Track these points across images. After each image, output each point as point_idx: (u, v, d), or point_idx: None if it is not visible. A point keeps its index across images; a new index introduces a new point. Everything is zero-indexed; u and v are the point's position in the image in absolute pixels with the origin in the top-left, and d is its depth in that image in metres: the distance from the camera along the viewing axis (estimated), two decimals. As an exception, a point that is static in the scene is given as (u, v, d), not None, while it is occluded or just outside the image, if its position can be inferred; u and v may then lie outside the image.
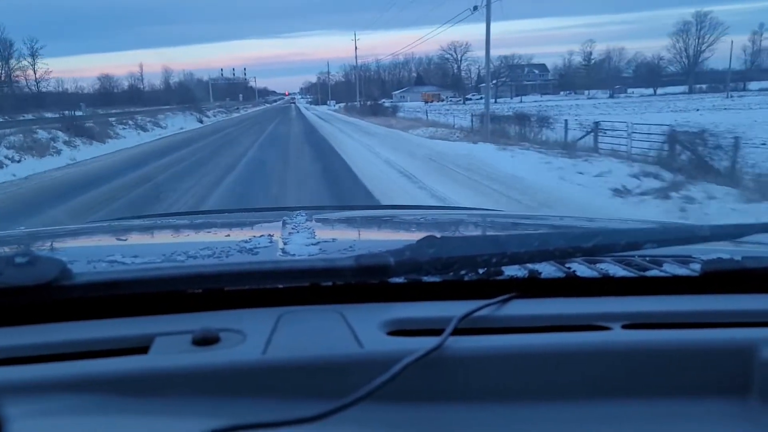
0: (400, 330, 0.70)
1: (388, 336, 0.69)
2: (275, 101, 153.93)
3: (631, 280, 0.86)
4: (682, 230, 0.96)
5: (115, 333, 0.69)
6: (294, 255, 1.00)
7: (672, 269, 0.89)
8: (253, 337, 0.68)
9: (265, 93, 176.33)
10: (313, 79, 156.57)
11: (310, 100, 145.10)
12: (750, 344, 0.66)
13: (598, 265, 0.90)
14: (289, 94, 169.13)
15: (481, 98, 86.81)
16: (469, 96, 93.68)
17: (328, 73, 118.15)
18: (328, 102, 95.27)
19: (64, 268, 0.68)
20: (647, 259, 0.94)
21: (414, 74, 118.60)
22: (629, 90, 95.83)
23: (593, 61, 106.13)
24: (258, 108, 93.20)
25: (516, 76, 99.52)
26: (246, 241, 1.08)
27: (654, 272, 0.88)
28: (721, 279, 0.84)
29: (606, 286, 0.84)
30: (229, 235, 1.49)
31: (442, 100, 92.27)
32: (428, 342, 0.64)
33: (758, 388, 0.64)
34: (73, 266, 0.70)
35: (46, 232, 1.71)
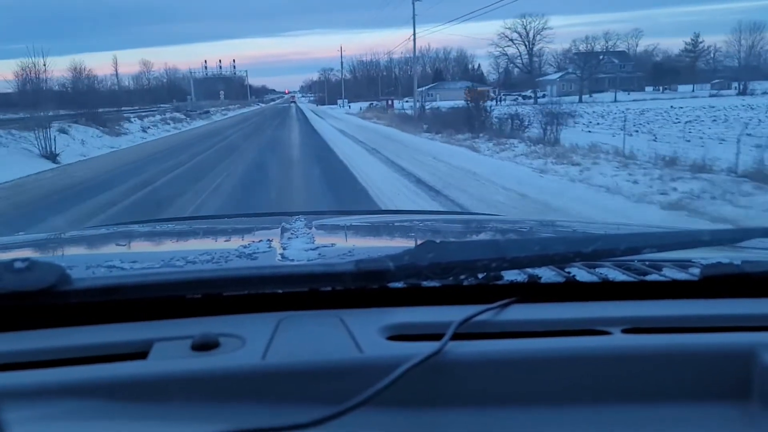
0: (399, 335, 0.70)
1: (387, 341, 0.69)
2: (273, 100, 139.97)
3: (630, 285, 0.86)
4: (681, 235, 0.96)
5: (114, 338, 0.69)
6: (293, 260, 1.00)
7: (672, 274, 0.89)
8: (253, 342, 0.67)
9: (263, 91, 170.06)
10: (314, 77, 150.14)
11: (312, 98, 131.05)
12: (750, 349, 0.66)
13: (597, 269, 0.90)
14: (289, 92, 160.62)
15: (543, 96, 64.09)
16: (526, 93, 69.59)
17: (342, 65, 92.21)
18: (340, 102, 72.76)
19: (62, 274, 0.68)
20: (647, 263, 0.94)
21: (428, 70, 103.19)
22: (732, 85, 69.78)
23: (702, 51, 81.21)
24: (245, 110, 69.66)
25: (590, 67, 73.23)
26: (245, 246, 1.08)
27: (654, 277, 0.88)
28: (720, 283, 0.84)
29: (606, 291, 0.84)
30: (228, 241, 1.50)
31: (493, 99, 72.65)
32: (428, 347, 0.64)
33: (758, 393, 0.64)
34: (72, 271, 0.70)
35: (45, 237, 1.71)
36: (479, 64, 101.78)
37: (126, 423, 0.57)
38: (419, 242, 0.79)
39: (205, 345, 0.67)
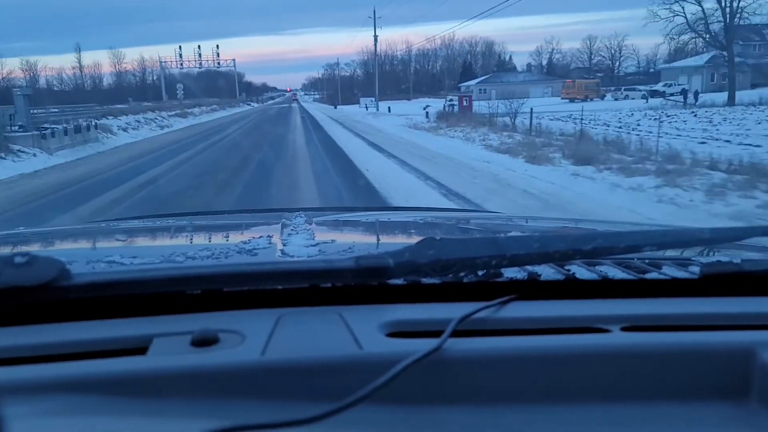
0: (399, 332, 0.71)
1: (387, 337, 0.69)
2: (272, 98, 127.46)
3: (630, 283, 0.86)
4: (681, 233, 0.96)
5: (114, 334, 0.70)
6: (293, 256, 1.00)
7: (671, 272, 0.89)
8: (252, 338, 0.68)
9: (264, 89, 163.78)
10: (317, 74, 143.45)
11: (317, 97, 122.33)
12: (749, 347, 0.66)
13: (597, 267, 0.90)
14: (291, 90, 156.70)
15: (678, 90, 40.40)
16: (657, 88, 47.17)
17: (376, 49, 57.25)
18: (365, 101, 50.70)
19: (63, 269, 0.68)
20: (646, 261, 0.94)
21: (442, 65, 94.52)
22: None
23: None
24: (209, 119, 41.30)
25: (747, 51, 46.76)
26: (245, 242, 1.09)
27: (653, 275, 0.88)
28: (720, 282, 0.84)
29: (605, 289, 0.84)
30: (228, 236, 1.50)
31: (603, 95, 49.79)
32: (427, 344, 0.64)
33: (757, 391, 0.64)
34: (72, 267, 0.70)
35: (46, 232, 1.72)
36: (510, 56, 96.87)
37: (125, 418, 0.57)
38: (419, 239, 0.79)
39: (205, 341, 0.67)
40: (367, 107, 47.20)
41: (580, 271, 0.88)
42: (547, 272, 0.87)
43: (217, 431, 0.51)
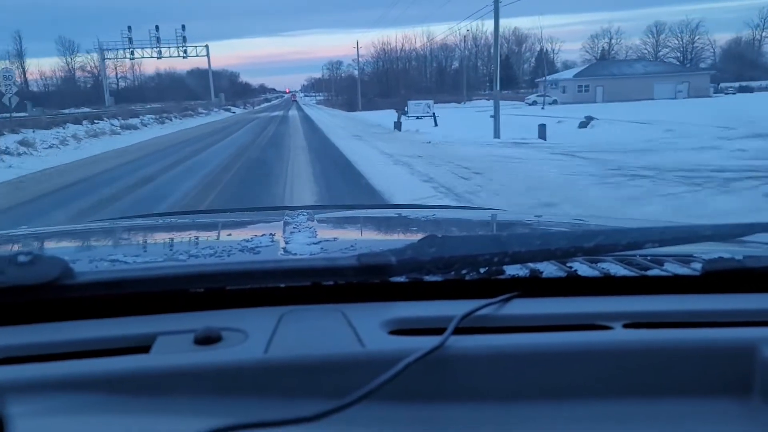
0: (401, 329, 0.71)
1: (389, 335, 0.69)
2: (266, 102, 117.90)
3: (632, 280, 0.86)
4: (683, 230, 0.96)
5: (117, 332, 0.70)
6: (296, 254, 1.00)
7: (673, 268, 0.89)
8: (255, 336, 0.68)
9: (262, 90, 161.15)
10: (318, 75, 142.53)
11: (320, 98, 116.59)
12: (751, 344, 0.66)
13: (599, 264, 0.90)
14: (290, 91, 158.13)
15: None
16: None
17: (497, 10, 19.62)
18: (418, 107, 29.14)
19: (66, 267, 0.68)
20: (648, 258, 0.94)
21: (470, 63, 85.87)
22: None
23: None
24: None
25: None
26: (248, 240, 1.09)
27: (655, 271, 0.88)
28: (722, 278, 0.84)
29: (607, 286, 0.84)
30: (230, 235, 1.50)
31: None
32: (430, 341, 0.64)
33: (759, 388, 0.64)
34: (75, 265, 0.70)
35: (49, 231, 1.72)
36: (551, 51, 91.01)
37: (129, 416, 0.57)
38: (421, 236, 0.79)
39: (208, 339, 0.67)
40: (421, 119, 27.45)
41: (582, 268, 0.89)
42: (549, 269, 0.87)
43: (220, 429, 0.51)
